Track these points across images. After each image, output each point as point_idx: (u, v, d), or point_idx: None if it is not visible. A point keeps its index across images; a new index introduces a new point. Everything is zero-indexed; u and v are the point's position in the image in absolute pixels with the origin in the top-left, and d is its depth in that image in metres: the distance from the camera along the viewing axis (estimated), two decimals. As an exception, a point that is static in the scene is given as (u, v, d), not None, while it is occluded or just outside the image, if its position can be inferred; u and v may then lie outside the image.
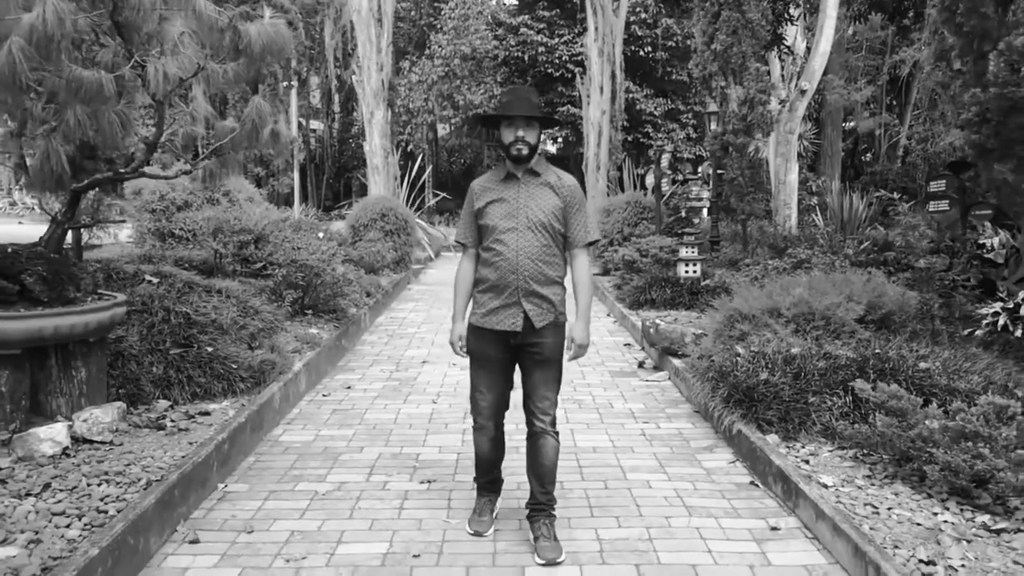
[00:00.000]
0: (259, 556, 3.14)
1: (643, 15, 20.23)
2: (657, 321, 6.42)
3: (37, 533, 2.81)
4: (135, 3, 3.48)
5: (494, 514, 3.42)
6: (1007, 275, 7.04)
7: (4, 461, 3.48)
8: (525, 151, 3.10)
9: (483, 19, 22.66)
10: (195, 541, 3.25)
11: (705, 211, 14.50)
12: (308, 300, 6.91)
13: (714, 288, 7.98)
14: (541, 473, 3.20)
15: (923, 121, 24.37)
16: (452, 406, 5.27)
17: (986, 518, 3.20)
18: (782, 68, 18.11)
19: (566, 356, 3.22)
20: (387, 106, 14.56)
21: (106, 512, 3.03)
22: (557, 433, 3.21)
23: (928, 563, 2.82)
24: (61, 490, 3.22)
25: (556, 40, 21.29)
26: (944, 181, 8.76)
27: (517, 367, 3.25)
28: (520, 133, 3.08)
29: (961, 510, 3.28)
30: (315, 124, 26.91)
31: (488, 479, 3.42)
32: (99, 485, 3.28)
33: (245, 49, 3.66)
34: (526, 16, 21.59)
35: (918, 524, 3.14)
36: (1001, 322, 5.93)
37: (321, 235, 9.59)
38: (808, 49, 17.40)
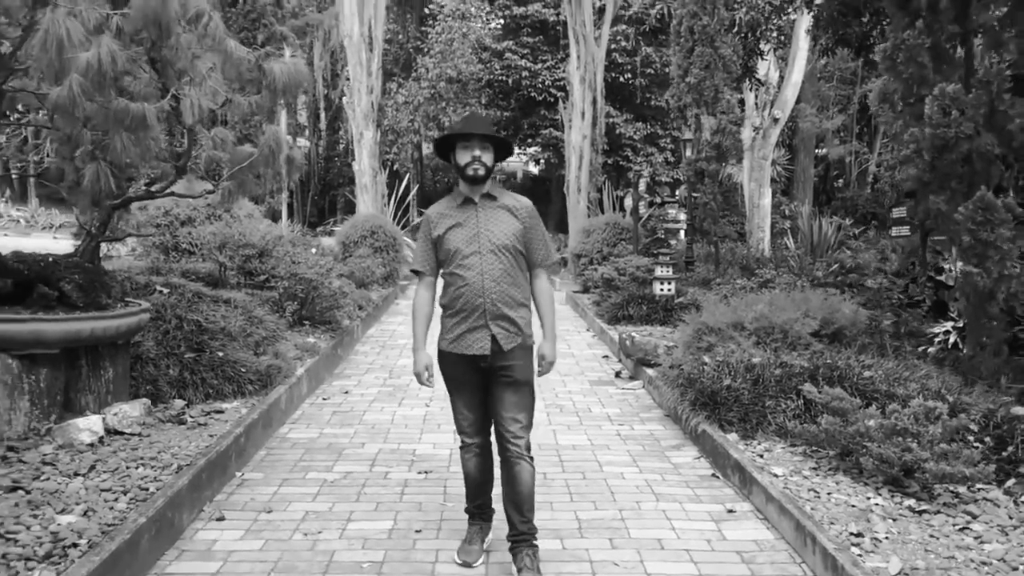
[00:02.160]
0: (279, 531, 3.57)
1: (624, 43, 20.95)
2: (633, 334, 6.93)
3: (90, 505, 3.23)
4: (173, 43, 3.93)
5: (484, 544, 3.34)
6: (958, 296, 7.64)
7: (48, 448, 3.88)
8: (481, 171, 3.09)
9: (468, 43, 23.29)
10: (221, 518, 3.67)
11: (682, 233, 15.12)
12: (306, 312, 7.35)
13: (687, 305, 8.50)
14: (519, 501, 3.12)
15: (891, 149, 25.24)
16: (444, 409, 5.71)
17: (912, 502, 3.70)
18: (756, 97, 18.81)
19: (535, 372, 3.23)
20: (376, 127, 15.05)
21: (147, 490, 3.45)
22: (532, 458, 3.16)
23: (857, 535, 3.32)
24: (104, 472, 3.64)
25: (540, 65, 21.94)
26: (905, 208, 9.38)
27: None
28: (476, 153, 3.08)
29: (892, 495, 3.78)
30: (301, 142, 27.32)
31: (478, 504, 3.34)
32: (136, 468, 3.71)
33: (269, 84, 4.15)
34: (510, 41, 22.21)
35: (853, 506, 3.64)
36: (952, 340, 6.50)
37: (314, 250, 10.02)
38: (781, 79, 18.20)
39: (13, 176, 28.33)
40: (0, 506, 3.14)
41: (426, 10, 26.87)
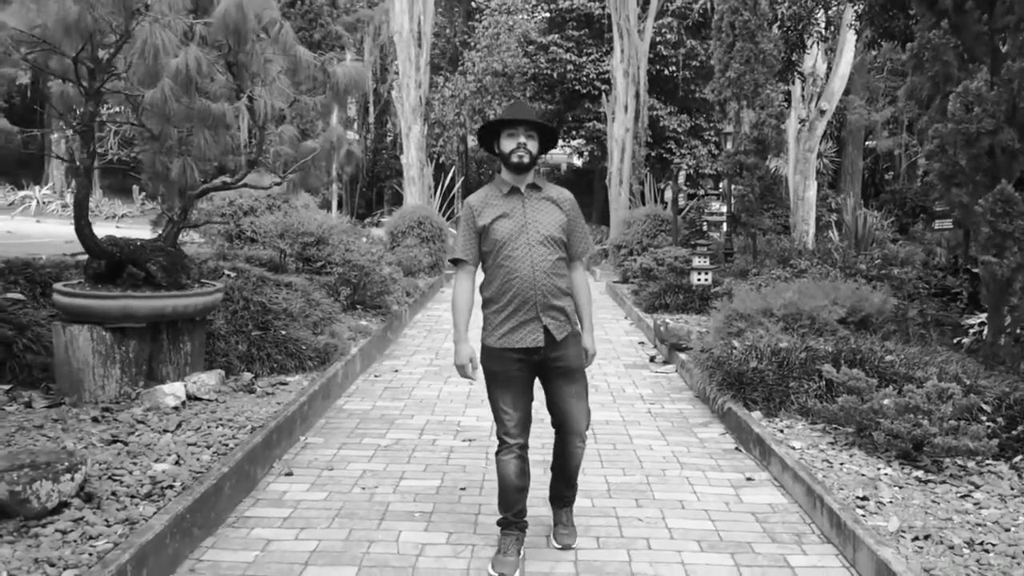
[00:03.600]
0: (340, 485, 4.01)
1: (668, 36, 21.07)
2: (667, 321, 7.24)
3: (179, 456, 3.71)
4: (249, 49, 4.39)
5: (520, 555, 3.18)
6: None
7: (138, 409, 4.40)
8: (526, 159, 3.06)
9: (514, 37, 23.63)
10: (289, 474, 4.14)
11: (724, 225, 15.30)
12: (358, 296, 7.83)
13: (722, 295, 8.77)
14: (568, 475, 3.28)
15: (921, 144, 24.87)
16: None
17: (920, 473, 3.98)
18: (802, 89, 18.77)
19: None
20: (423, 121, 15.53)
21: (227, 445, 3.93)
22: (585, 439, 3.26)
23: (863, 499, 3.62)
24: (189, 430, 4.14)
25: (584, 59, 22.17)
26: (947, 202, 9.46)
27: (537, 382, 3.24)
28: (521, 140, 3.06)
29: (901, 467, 4.07)
30: (351, 135, 28.03)
31: (514, 512, 3.20)
32: (216, 428, 4.19)
33: (333, 86, 4.59)
34: (556, 35, 22.47)
35: (863, 475, 3.94)
36: (986, 331, 6.67)
37: (364, 240, 10.52)
38: (829, 70, 18.13)
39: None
40: (105, 454, 3.65)
41: (473, 4, 27.28)
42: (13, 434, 3.88)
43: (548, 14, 23.36)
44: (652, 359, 7.27)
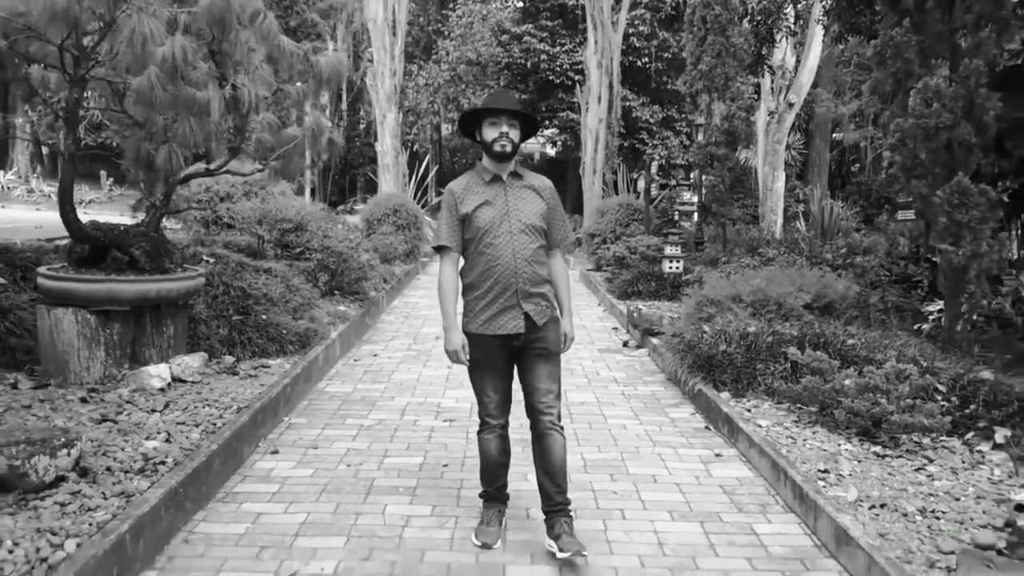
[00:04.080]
0: (326, 462, 4.14)
1: (641, 28, 21.26)
2: (640, 306, 7.44)
3: (169, 434, 3.81)
4: (233, 38, 4.47)
5: (503, 526, 3.33)
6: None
7: (124, 390, 4.48)
8: (509, 148, 3.09)
9: (488, 26, 23.68)
10: (276, 452, 4.26)
11: (695, 215, 15.58)
12: (336, 282, 7.91)
13: (693, 282, 8.99)
14: (553, 472, 3.17)
15: (883, 137, 25.48)
16: (464, 370, 6.23)
17: (878, 448, 4.21)
18: (772, 82, 19.07)
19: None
20: (398, 109, 15.56)
21: (214, 424, 4.04)
22: (562, 428, 3.22)
23: (824, 471, 3.84)
24: (176, 410, 4.23)
25: (558, 48, 22.29)
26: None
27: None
28: (504, 129, 3.08)
29: (861, 443, 4.29)
30: (323, 122, 27.87)
31: (496, 487, 3.34)
32: (203, 408, 4.29)
33: (316, 75, 4.67)
34: (530, 25, 22.56)
35: (824, 450, 4.16)
36: (937, 319, 6.97)
37: (340, 227, 10.57)
38: (798, 64, 18.46)
39: (44, 152, 29.14)
40: (96, 432, 3.74)
41: (447, -8, 27.24)
42: (2, 414, 3.95)
43: (522, 3, 23.44)
44: (625, 344, 7.47)
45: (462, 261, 3.27)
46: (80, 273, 4.77)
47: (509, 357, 3.21)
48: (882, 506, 3.45)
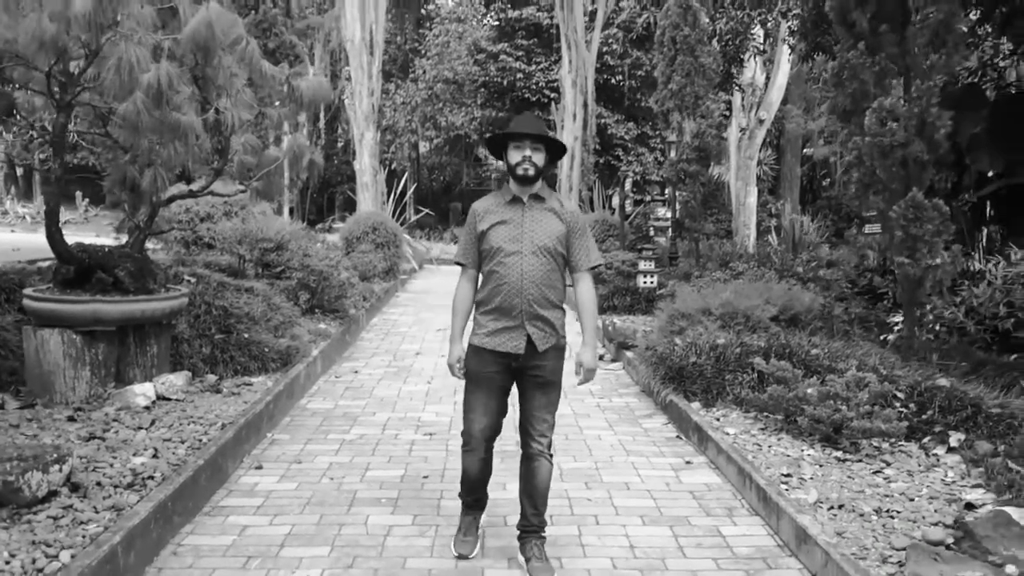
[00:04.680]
0: (309, 476, 4.26)
1: (615, 47, 21.66)
2: (615, 321, 7.63)
3: (156, 450, 3.92)
4: (216, 63, 4.62)
5: (479, 531, 3.43)
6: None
7: (110, 409, 4.57)
8: (532, 171, 3.13)
9: (464, 45, 23.97)
10: (259, 467, 4.37)
11: (670, 230, 15.88)
12: (317, 301, 8.03)
13: (667, 296, 9.21)
14: (535, 496, 3.23)
15: (839, 156, 26.15)
16: (444, 386, 6.40)
17: (839, 453, 4.42)
18: (743, 99, 19.49)
19: (575, 380, 3.30)
20: (376, 128, 15.73)
21: (200, 441, 4.15)
22: (552, 456, 3.26)
23: (787, 475, 4.03)
24: (162, 427, 4.34)
25: (533, 67, 22.63)
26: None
27: (514, 391, 3.29)
28: (527, 153, 3.13)
29: (823, 448, 4.49)
30: (304, 143, 27.94)
31: (474, 497, 3.41)
32: (188, 425, 4.40)
33: (297, 99, 4.83)
34: (505, 44, 22.89)
35: (788, 456, 4.36)
36: (900, 330, 7.22)
37: (319, 245, 10.69)
38: (767, 81, 18.91)
39: (18, 173, 28.97)
40: (85, 449, 3.83)
41: (423, 12, 27.55)
42: (-9, 433, 4.03)
43: (497, 23, 23.77)
44: (601, 357, 7.65)
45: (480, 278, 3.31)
46: (65, 294, 4.87)
47: (506, 379, 3.21)
48: (840, 507, 3.64)
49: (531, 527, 3.25)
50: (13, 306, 5.47)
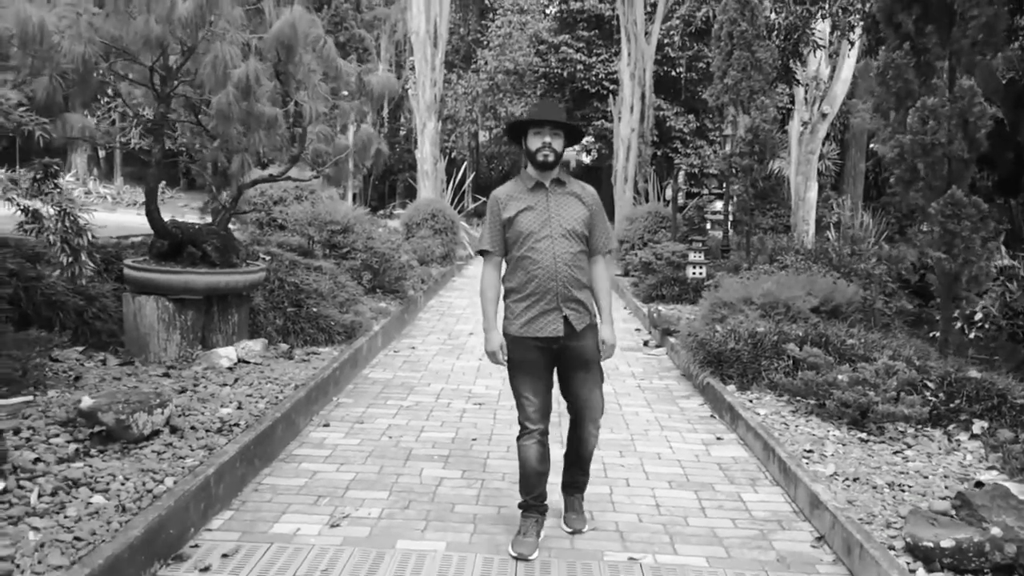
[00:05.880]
0: (370, 434, 4.74)
1: (675, 39, 21.72)
2: (660, 308, 7.94)
3: (240, 403, 4.44)
4: (297, 60, 5.11)
5: (540, 536, 3.34)
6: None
7: (198, 368, 5.13)
8: (551, 157, 3.17)
9: (526, 36, 24.32)
10: (327, 425, 4.87)
11: (729, 223, 15.98)
12: (378, 281, 8.55)
13: (715, 288, 9.45)
14: (583, 459, 3.44)
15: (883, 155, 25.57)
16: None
17: (863, 435, 4.67)
18: (806, 92, 19.35)
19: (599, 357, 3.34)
20: (438, 118, 16.23)
21: (277, 398, 4.66)
22: (599, 426, 3.40)
23: (809, 451, 4.32)
24: (244, 384, 4.87)
25: (593, 59, 22.85)
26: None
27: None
28: (547, 139, 3.16)
29: (849, 430, 4.75)
30: (366, 128, 28.74)
31: (534, 496, 3.35)
32: (266, 384, 4.93)
33: (368, 93, 5.30)
34: (567, 35, 23.15)
35: (814, 435, 4.64)
36: (957, 326, 7.35)
37: (382, 230, 11.24)
38: (832, 75, 18.74)
39: (101, 155, 30.52)
40: (179, 399, 4.38)
41: (486, 3, 27.94)
42: (99, 383, 4.62)
43: (559, 14, 24.02)
44: (645, 343, 7.97)
45: (504, 265, 3.35)
46: (160, 265, 5.45)
47: (549, 361, 3.25)
48: (855, 480, 3.92)
49: (576, 484, 3.51)
50: (111, 275, 6.09)
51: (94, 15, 4.93)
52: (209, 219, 6.02)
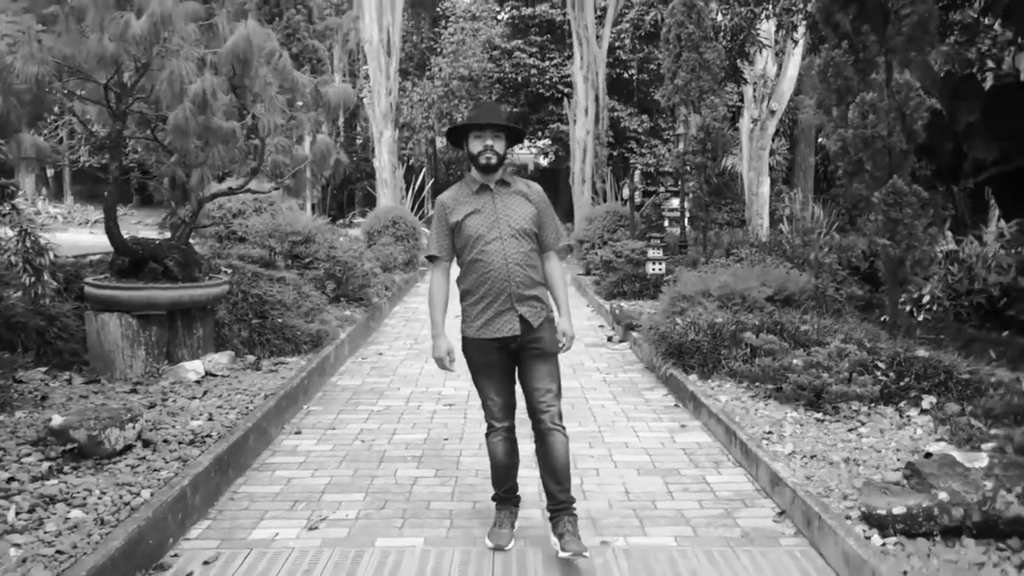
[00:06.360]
0: (343, 440, 4.80)
1: (626, 42, 22.06)
2: (622, 304, 8.11)
3: (211, 415, 4.47)
4: (253, 74, 5.15)
5: (514, 528, 3.40)
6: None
7: (165, 383, 5.14)
8: (494, 160, 3.16)
9: (479, 43, 24.48)
10: (299, 432, 4.91)
11: (684, 219, 16.30)
12: (342, 290, 8.58)
13: (674, 282, 9.67)
14: (556, 471, 3.22)
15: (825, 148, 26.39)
16: (461, 364, 6.89)
17: (819, 415, 4.87)
18: (754, 90, 19.80)
19: (560, 349, 3.34)
20: (394, 126, 16.28)
21: (247, 408, 4.69)
22: (564, 428, 3.26)
23: (768, 433, 4.50)
24: (213, 397, 4.89)
25: (547, 63, 23.09)
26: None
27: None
28: (488, 142, 3.15)
29: (806, 412, 4.95)
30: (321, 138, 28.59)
31: (506, 489, 3.41)
32: (235, 395, 4.95)
33: (325, 104, 5.36)
34: (519, 40, 23.36)
35: (772, 418, 4.82)
36: (906, 308, 7.65)
37: (343, 239, 11.25)
38: (779, 73, 19.22)
39: (49, 175, 29.84)
40: (150, 414, 4.39)
41: (438, 10, 28.05)
42: (66, 403, 4.60)
43: (511, 20, 24.23)
44: (609, 339, 8.14)
45: (455, 270, 3.35)
46: (122, 282, 5.43)
47: (508, 360, 3.28)
48: (812, 457, 4.11)
49: (560, 505, 3.22)
50: (71, 295, 6.05)
51: (45, 33, 4.93)
52: (168, 234, 6.01)
